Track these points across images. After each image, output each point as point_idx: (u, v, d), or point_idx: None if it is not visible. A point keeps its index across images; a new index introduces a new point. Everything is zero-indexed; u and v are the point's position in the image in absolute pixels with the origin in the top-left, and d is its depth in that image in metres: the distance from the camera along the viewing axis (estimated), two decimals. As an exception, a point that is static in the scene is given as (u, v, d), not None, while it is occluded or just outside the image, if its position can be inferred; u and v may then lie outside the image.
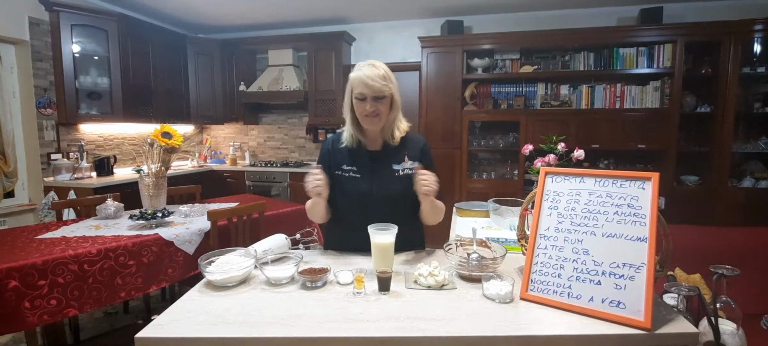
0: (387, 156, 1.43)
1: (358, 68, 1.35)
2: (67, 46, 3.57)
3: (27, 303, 1.63)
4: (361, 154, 1.44)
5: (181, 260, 2.15)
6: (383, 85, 1.32)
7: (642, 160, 3.96)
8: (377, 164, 1.43)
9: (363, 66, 1.34)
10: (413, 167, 1.39)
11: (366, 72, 1.32)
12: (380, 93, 1.32)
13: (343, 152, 1.45)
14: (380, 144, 1.45)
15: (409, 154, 1.43)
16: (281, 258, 1.34)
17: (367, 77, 1.31)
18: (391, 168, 1.41)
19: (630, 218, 1.02)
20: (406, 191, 1.38)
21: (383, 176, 1.42)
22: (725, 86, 3.57)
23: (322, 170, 1.35)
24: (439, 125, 4.19)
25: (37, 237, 2.02)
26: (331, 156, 1.47)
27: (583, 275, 1.03)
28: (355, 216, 1.40)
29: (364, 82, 1.31)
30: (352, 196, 1.43)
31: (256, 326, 0.96)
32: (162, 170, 2.40)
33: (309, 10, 4.32)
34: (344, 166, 1.44)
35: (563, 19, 4.18)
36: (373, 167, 1.43)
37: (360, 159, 1.44)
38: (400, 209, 1.41)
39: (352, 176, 1.43)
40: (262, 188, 4.66)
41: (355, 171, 1.43)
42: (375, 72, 1.32)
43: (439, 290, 1.14)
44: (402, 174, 1.41)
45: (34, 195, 3.56)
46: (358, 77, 1.32)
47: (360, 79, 1.32)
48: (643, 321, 0.92)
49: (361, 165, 1.43)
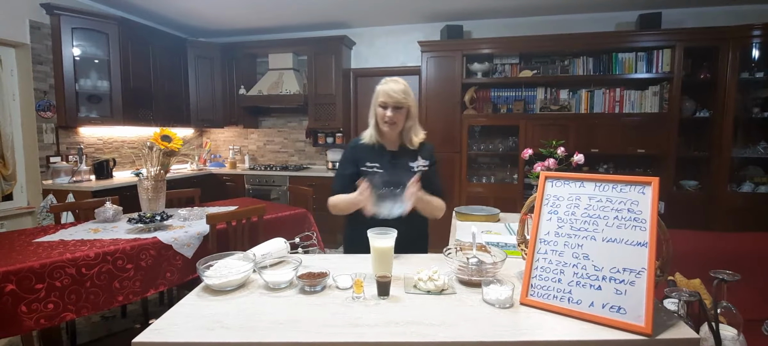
0: (403, 156, 1.69)
1: (384, 82, 1.63)
2: (68, 49, 3.57)
3: (24, 307, 1.62)
4: (382, 153, 1.69)
5: (179, 264, 2.14)
6: (403, 98, 1.60)
7: (641, 164, 3.97)
8: (395, 161, 1.68)
9: (389, 81, 1.63)
10: (426, 165, 1.69)
11: (390, 86, 1.60)
12: (399, 104, 1.59)
13: (365, 152, 1.69)
14: (397, 146, 1.71)
15: (422, 156, 1.71)
16: (280, 262, 1.34)
17: (390, 90, 1.59)
18: (407, 165, 1.67)
19: (630, 223, 1.02)
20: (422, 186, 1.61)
21: (400, 170, 1.65)
22: (724, 91, 3.58)
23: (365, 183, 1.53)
24: (439, 129, 4.19)
25: (34, 240, 2.01)
26: (355, 155, 1.70)
27: (583, 280, 1.03)
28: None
29: (388, 93, 1.59)
30: (375, 186, 1.62)
31: (255, 330, 0.95)
32: (161, 174, 2.40)
33: (309, 14, 4.34)
34: (368, 163, 1.67)
35: (562, 24, 4.20)
36: (392, 163, 1.67)
37: (381, 157, 1.68)
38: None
39: (375, 170, 1.66)
40: (262, 192, 4.65)
41: (378, 167, 1.66)
42: (397, 86, 1.60)
43: (438, 295, 1.14)
44: (416, 170, 1.67)
45: (32, 198, 3.55)
46: (383, 89, 1.61)
47: (385, 91, 1.60)
48: (643, 327, 0.91)
49: (382, 162, 1.67)
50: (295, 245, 1.63)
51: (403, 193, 1.50)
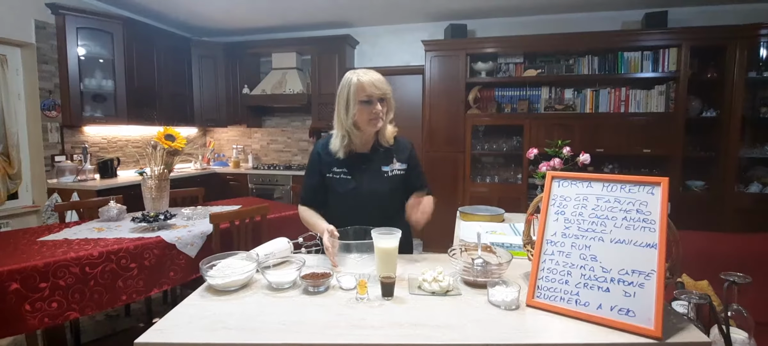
0: (375, 159, 1.52)
1: (356, 76, 1.42)
2: (73, 49, 3.59)
3: (28, 306, 1.62)
4: (351, 157, 1.51)
5: (182, 263, 2.14)
6: (387, 87, 1.44)
7: (647, 165, 3.93)
8: (366, 166, 1.51)
9: (360, 73, 1.42)
10: (402, 169, 1.52)
11: (371, 76, 1.41)
12: (386, 94, 1.43)
13: (332, 156, 1.51)
14: (369, 147, 1.52)
15: (397, 157, 1.53)
16: (283, 262, 1.33)
17: (375, 80, 1.41)
18: (379, 169, 1.50)
19: (639, 224, 1.00)
20: (394, 190, 1.51)
21: (372, 176, 1.50)
22: (731, 91, 3.54)
23: (331, 235, 1.34)
24: (443, 129, 4.18)
25: (39, 239, 2.01)
26: (322, 159, 1.54)
27: (591, 281, 1.01)
28: (345, 214, 1.48)
29: (374, 84, 1.40)
30: (343, 195, 1.51)
31: (258, 331, 0.94)
32: (165, 173, 2.40)
33: (313, 14, 4.33)
34: (335, 168, 1.51)
35: (567, 23, 4.17)
36: (362, 169, 1.51)
37: (350, 161, 1.50)
38: (387, 208, 1.51)
39: (342, 177, 1.50)
40: (265, 191, 4.65)
41: (346, 172, 1.50)
42: (378, 76, 1.43)
43: (443, 296, 1.12)
44: (391, 175, 1.51)
45: (37, 197, 3.56)
46: (363, 82, 1.40)
47: (369, 83, 1.40)
48: (653, 330, 0.90)
49: (352, 167, 1.50)
50: (298, 244, 1.62)
51: (370, 248, 1.25)
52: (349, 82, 1.42)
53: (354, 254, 1.30)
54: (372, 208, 1.47)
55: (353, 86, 1.41)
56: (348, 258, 1.31)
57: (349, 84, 1.41)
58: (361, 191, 1.49)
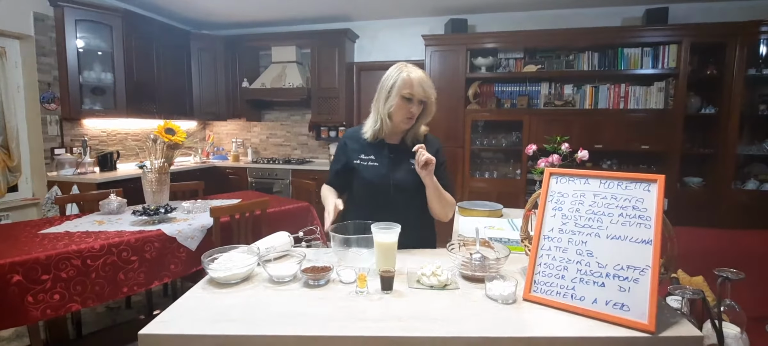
0: (404, 151, 1.51)
1: (405, 69, 1.41)
2: (72, 41, 3.57)
3: (30, 298, 1.64)
4: (381, 146, 1.52)
5: (183, 256, 2.15)
6: (432, 92, 1.42)
7: (646, 161, 3.95)
8: (394, 156, 1.51)
9: (411, 69, 1.41)
10: None
11: (419, 75, 1.40)
12: (429, 98, 1.42)
13: (361, 143, 1.53)
14: (399, 139, 1.53)
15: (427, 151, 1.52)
16: (284, 256, 1.34)
17: (421, 81, 1.39)
18: (407, 161, 1.49)
19: (635, 220, 1.02)
20: (420, 184, 1.45)
21: (400, 167, 1.50)
22: (730, 88, 3.55)
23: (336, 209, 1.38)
24: (442, 124, 4.18)
25: (40, 232, 2.02)
26: (350, 148, 1.55)
27: (587, 276, 1.03)
28: (370, 202, 1.49)
29: (421, 85, 1.39)
30: (370, 182, 1.50)
31: (259, 323, 0.96)
32: (165, 166, 2.40)
33: (312, 7, 4.31)
34: (362, 155, 1.52)
35: (567, 19, 4.16)
36: (391, 158, 1.51)
37: (379, 150, 1.52)
38: (413, 202, 1.50)
39: (370, 164, 1.50)
40: (265, 185, 4.66)
41: (373, 160, 1.51)
42: (426, 77, 1.41)
43: (441, 290, 1.14)
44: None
45: (37, 190, 3.57)
46: (410, 78, 1.39)
47: (414, 81, 1.38)
48: (647, 324, 0.91)
49: (380, 156, 1.51)
50: (298, 238, 1.63)
51: (370, 243, 1.23)
52: (398, 72, 1.42)
53: (353, 249, 1.31)
54: (398, 197, 1.47)
55: (401, 79, 1.40)
56: (348, 252, 1.32)
57: (398, 75, 1.41)
58: (387, 178, 1.48)
